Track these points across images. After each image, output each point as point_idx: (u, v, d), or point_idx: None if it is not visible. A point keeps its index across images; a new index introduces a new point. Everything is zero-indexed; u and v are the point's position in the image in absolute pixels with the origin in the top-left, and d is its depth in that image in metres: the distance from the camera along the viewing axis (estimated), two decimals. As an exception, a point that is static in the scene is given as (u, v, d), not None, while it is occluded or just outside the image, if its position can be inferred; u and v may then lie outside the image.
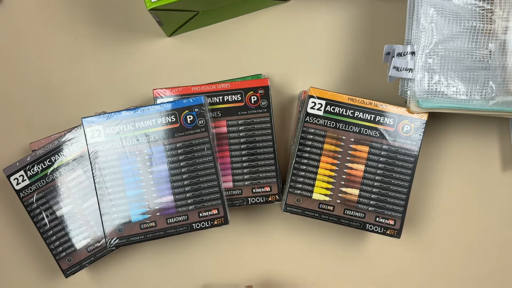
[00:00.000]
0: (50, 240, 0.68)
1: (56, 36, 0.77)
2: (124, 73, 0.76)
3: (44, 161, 0.68)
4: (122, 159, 0.64)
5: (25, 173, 0.68)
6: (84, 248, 0.68)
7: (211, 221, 0.65)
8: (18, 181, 0.68)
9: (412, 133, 0.65)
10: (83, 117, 0.65)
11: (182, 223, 0.65)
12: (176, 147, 0.65)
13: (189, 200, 0.65)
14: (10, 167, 0.68)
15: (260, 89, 0.69)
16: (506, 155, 0.74)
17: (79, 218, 0.68)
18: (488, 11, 0.64)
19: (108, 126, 0.64)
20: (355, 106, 0.66)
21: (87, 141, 0.64)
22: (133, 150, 0.64)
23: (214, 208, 0.65)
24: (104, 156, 0.64)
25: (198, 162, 0.65)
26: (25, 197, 0.68)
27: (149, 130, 0.64)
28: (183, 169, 0.65)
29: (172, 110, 0.65)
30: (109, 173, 0.64)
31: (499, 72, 0.63)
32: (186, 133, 0.65)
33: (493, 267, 0.74)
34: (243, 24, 0.77)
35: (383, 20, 0.75)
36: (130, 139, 0.64)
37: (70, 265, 0.68)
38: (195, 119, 0.64)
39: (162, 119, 0.65)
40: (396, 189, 0.66)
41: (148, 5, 0.63)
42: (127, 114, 0.64)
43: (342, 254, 0.74)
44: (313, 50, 0.76)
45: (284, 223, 0.75)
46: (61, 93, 0.76)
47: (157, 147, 0.65)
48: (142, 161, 0.64)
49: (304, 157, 0.65)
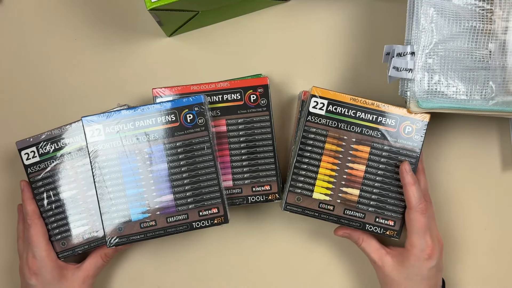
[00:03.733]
0: (48, 220, 0.68)
1: (56, 36, 0.77)
2: (124, 73, 0.76)
3: (58, 141, 0.68)
4: (122, 158, 0.64)
5: (37, 150, 0.68)
6: (80, 234, 0.68)
7: (211, 220, 0.65)
8: (29, 156, 0.68)
9: (413, 134, 0.65)
10: (83, 116, 0.64)
11: (182, 222, 0.65)
12: (176, 146, 0.65)
13: (189, 199, 0.65)
14: (23, 141, 0.68)
15: (260, 87, 0.69)
16: (506, 155, 0.74)
17: (81, 204, 0.68)
18: (488, 11, 0.64)
19: (108, 125, 0.64)
20: (357, 106, 0.66)
21: (86, 140, 0.64)
22: (133, 149, 0.64)
23: (214, 207, 0.65)
24: (104, 155, 0.64)
25: (198, 161, 0.65)
26: (32, 173, 0.68)
27: (149, 129, 0.64)
28: (183, 168, 0.65)
29: (172, 109, 0.65)
30: (109, 172, 0.64)
31: (499, 72, 0.63)
32: (186, 132, 0.65)
33: (493, 267, 0.74)
34: (243, 24, 0.77)
35: (383, 20, 0.75)
36: (130, 138, 0.64)
37: (63, 249, 0.68)
38: (195, 118, 0.64)
39: (162, 118, 0.64)
40: (396, 190, 0.66)
41: (148, 5, 0.63)
42: (127, 113, 0.64)
43: (342, 254, 0.74)
44: (313, 50, 0.76)
45: (284, 222, 0.75)
46: (61, 92, 0.76)
47: (157, 146, 0.64)
48: (142, 160, 0.64)
49: (305, 156, 0.65)
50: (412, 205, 0.63)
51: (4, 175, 0.76)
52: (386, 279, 0.66)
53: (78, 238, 0.68)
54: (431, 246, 0.63)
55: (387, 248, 0.67)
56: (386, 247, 0.67)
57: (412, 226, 0.63)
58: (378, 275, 0.68)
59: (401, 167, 0.64)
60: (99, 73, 0.76)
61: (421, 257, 0.63)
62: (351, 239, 0.69)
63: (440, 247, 0.65)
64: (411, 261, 0.64)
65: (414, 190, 0.63)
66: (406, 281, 0.64)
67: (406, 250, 0.64)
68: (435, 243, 0.64)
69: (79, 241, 0.68)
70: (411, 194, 0.63)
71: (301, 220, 0.74)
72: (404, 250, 0.65)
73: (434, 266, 0.63)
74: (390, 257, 0.66)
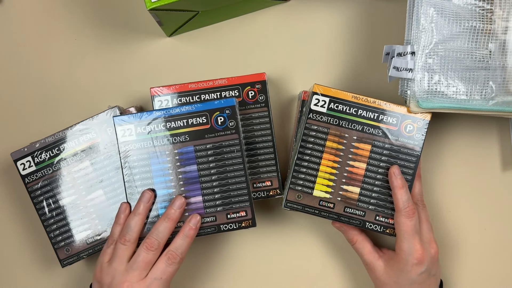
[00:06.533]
0: (50, 228, 0.68)
1: (56, 36, 0.77)
2: (124, 73, 0.76)
3: (52, 149, 0.68)
4: (152, 159, 0.64)
5: (33, 159, 0.68)
6: (83, 239, 0.68)
7: (239, 223, 0.65)
8: (25, 166, 0.68)
9: (414, 133, 0.65)
10: (114, 116, 0.64)
11: (210, 224, 0.64)
12: (206, 148, 0.64)
13: (217, 201, 0.64)
14: (18, 151, 0.68)
15: (258, 84, 0.69)
16: (506, 155, 0.74)
17: (81, 209, 0.68)
18: (488, 11, 0.64)
19: (139, 126, 0.64)
20: (358, 104, 0.66)
21: (118, 140, 0.64)
22: (163, 150, 0.64)
23: (242, 210, 0.65)
24: (134, 155, 0.64)
25: (227, 164, 0.64)
26: (30, 183, 0.68)
27: (180, 131, 0.64)
28: (213, 171, 0.64)
29: (203, 111, 0.64)
30: (139, 172, 0.64)
31: (499, 72, 0.64)
32: (217, 135, 0.64)
33: (494, 267, 0.74)
34: (243, 24, 0.77)
35: (383, 20, 0.76)
36: (161, 139, 0.64)
37: (67, 255, 0.68)
38: (225, 121, 0.64)
39: (193, 119, 0.64)
40: (397, 189, 0.66)
41: (148, 5, 0.63)
42: (158, 114, 0.64)
43: (342, 253, 0.74)
44: (313, 50, 0.76)
45: (285, 219, 0.74)
46: (61, 92, 0.76)
47: (187, 148, 0.64)
48: (172, 161, 0.64)
49: (306, 154, 0.65)
50: (399, 208, 0.63)
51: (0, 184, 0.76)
52: (377, 282, 0.67)
53: (81, 243, 0.68)
54: (420, 251, 0.63)
55: (380, 251, 0.68)
56: (379, 251, 0.68)
57: (399, 229, 0.64)
58: (370, 276, 0.68)
59: (390, 170, 0.65)
60: (99, 73, 0.76)
61: (409, 262, 0.63)
62: (346, 236, 0.69)
63: (433, 252, 0.65)
64: (400, 265, 0.64)
65: (402, 193, 0.64)
66: (396, 285, 0.64)
67: (396, 254, 0.65)
68: (424, 248, 0.63)
69: (83, 246, 0.68)
70: (398, 197, 0.64)
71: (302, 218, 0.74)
72: (394, 254, 0.65)
73: (424, 271, 0.63)
74: (382, 261, 0.66)
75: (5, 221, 0.75)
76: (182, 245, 0.62)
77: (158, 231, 0.62)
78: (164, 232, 0.62)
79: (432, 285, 0.66)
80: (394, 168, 0.64)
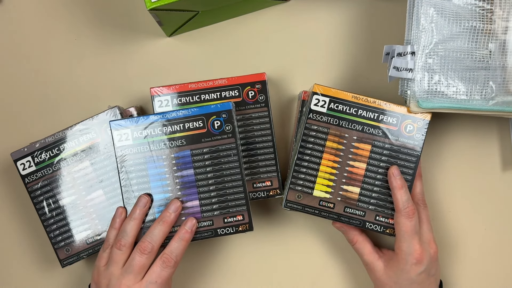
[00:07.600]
0: (50, 228, 0.68)
1: (56, 36, 0.77)
2: (124, 73, 0.76)
3: (52, 149, 0.68)
4: (149, 163, 0.64)
5: (32, 159, 0.68)
6: (83, 239, 0.68)
7: (235, 227, 0.65)
8: (25, 167, 0.68)
9: (414, 133, 0.65)
10: (111, 120, 0.64)
11: (207, 228, 0.64)
12: (203, 152, 0.64)
13: (214, 205, 0.64)
14: (18, 151, 0.68)
15: (257, 83, 0.69)
16: (506, 155, 0.74)
17: (81, 209, 0.68)
18: (488, 11, 0.64)
19: (135, 130, 0.64)
20: (358, 104, 0.66)
21: (114, 144, 0.64)
22: (160, 154, 0.64)
23: (239, 214, 0.65)
24: (131, 160, 0.64)
25: (224, 168, 0.64)
26: (30, 183, 0.68)
27: (177, 135, 0.64)
28: (209, 175, 0.64)
29: (200, 115, 0.64)
30: (136, 176, 0.64)
31: (499, 72, 0.64)
32: (213, 139, 0.64)
33: (494, 267, 0.74)
34: (243, 24, 0.77)
35: (383, 20, 0.76)
36: (158, 143, 0.64)
37: (67, 255, 0.68)
38: (222, 125, 0.64)
39: (190, 124, 0.64)
40: (397, 189, 0.66)
41: (148, 5, 0.63)
42: (155, 118, 0.64)
43: (342, 253, 0.74)
44: (313, 50, 0.76)
45: (285, 219, 0.74)
46: (61, 92, 0.76)
47: (184, 152, 0.64)
48: (169, 165, 0.64)
49: (306, 154, 0.65)
50: (399, 208, 0.64)
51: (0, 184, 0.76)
52: (377, 282, 0.67)
53: (81, 243, 0.68)
54: (419, 251, 0.63)
55: (380, 252, 0.68)
56: (379, 251, 0.68)
57: (399, 230, 0.64)
58: (370, 277, 0.68)
59: (389, 171, 0.65)
60: (99, 73, 0.76)
61: (408, 262, 0.63)
62: (346, 236, 0.69)
63: (432, 252, 0.65)
64: (399, 265, 0.64)
65: (402, 193, 0.64)
66: (396, 285, 0.64)
67: (395, 254, 0.65)
68: (424, 248, 0.64)
69: (83, 246, 0.68)
70: (398, 198, 0.64)
71: (302, 218, 0.74)
72: (394, 254, 0.65)
73: (423, 271, 0.63)
74: (382, 262, 0.66)
75: (5, 221, 0.75)
76: (177, 249, 0.62)
77: (152, 234, 0.61)
78: (158, 235, 0.62)
79: (432, 285, 0.66)
80: (393, 168, 0.65)
